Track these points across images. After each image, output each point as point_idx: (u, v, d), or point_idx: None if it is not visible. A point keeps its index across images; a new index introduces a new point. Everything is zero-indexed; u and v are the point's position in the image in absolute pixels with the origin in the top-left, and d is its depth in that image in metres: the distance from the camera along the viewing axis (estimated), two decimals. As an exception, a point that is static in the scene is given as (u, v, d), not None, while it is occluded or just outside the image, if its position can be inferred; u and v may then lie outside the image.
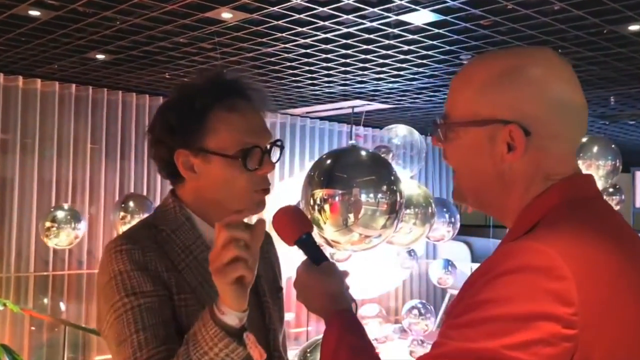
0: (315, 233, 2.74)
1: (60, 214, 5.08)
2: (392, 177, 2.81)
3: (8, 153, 6.01)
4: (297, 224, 1.23)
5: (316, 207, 2.68)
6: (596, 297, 0.87)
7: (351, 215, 2.65)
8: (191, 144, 1.24)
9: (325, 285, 1.20)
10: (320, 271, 1.22)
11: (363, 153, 2.91)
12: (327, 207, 2.69)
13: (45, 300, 6.14)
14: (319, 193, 2.68)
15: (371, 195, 2.69)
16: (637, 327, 0.91)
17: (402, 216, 3.69)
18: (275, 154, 1.32)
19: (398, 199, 2.77)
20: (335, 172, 2.71)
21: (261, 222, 1.10)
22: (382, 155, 4.16)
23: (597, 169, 4.80)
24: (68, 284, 6.23)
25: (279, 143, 1.32)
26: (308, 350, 3.88)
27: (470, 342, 0.87)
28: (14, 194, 5.98)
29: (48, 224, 5.01)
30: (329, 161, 2.83)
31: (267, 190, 1.30)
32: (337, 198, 2.67)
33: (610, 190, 4.95)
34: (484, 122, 0.99)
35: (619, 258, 0.92)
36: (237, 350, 1.06)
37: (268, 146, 1.30)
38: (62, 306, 6.18)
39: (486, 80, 1.00)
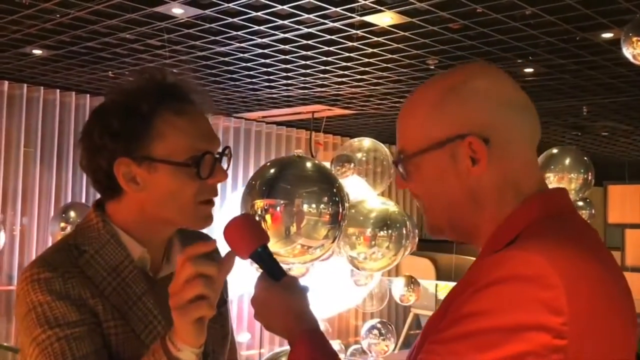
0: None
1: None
2: (335, 189, 2.92)
3: None
4: (251, 236, 1.17)
5: (257, 218, 2.73)
6: (583, 307, 0.91)
7: (293, 226, 2.73)
8: (135, 151, 1.19)
9: (287, 303, 1.16)
10: (282, 287, 1.17)
11: (308, 164, 3.01)
12: (268, 217, 2.75)
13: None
14: (260, 203, 2.74)
15: (313, 205, 2.79)
16: (618, 339, 0.96)
17: (376, 233, 3.75)
18: (224, 163, 1.28)
19: (340, 209, 2.89)
20: (279, 182, 2.80)
21: (230, 255, 1.08)
22: (340, 167, 4.23)
23: (568, 182, 4.91)
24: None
25: (227, 151, 1.28)
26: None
27: (458, 357, 0.90)
28: (-63, 201, 5.83)
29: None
30: (272, 170, 2.92)
31: (213, 202, 1.27)
32: (278, 208, 2.74)
33: (580, 204, 5.06)
34: (441, 143, 1.03)
35: (599, 270, 0.97)
36: None
37: (218, 154, 1.27)
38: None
39: (431, 105, 1.05)
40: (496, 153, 1.01)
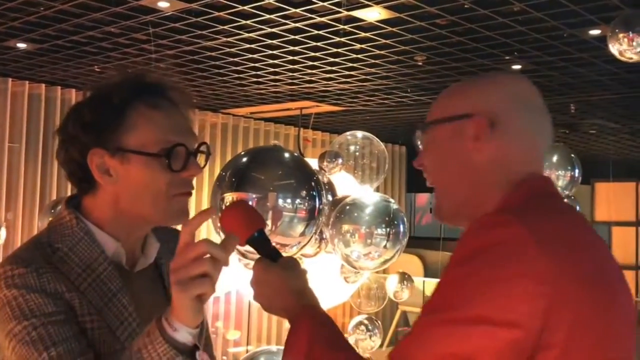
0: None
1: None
2: (313, 182, 2.75)
3: None
4: (248, 222, 1.20)
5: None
6: (564, 258, 0.99)
7: (267, 222, 2.55)
8: (108, 142, 1.21)
9: (287, 282, 1.20)
10: (281, 267, 1.21)
11: (286, 155, 2.88)
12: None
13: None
14: (230, 196, 2.55)
15: (289, 200, 2.61)
16: (602, 298, 1.03)
17: (372, 231, 3.63)
18: (202, 158, 1.30)
19: (317, 204, 2.72)
20: (252, 174, 2.61)
21: (232, 238, 1.08)
22: (328, 162, 4.17)
23: (556, 179, 4.95)
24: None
25: (203, 148, 1.29)
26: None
27: (445, 312, 0.97)
28: None
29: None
30: (244, 159, 2.73)
31: (189, 194, 1.28)
32: (251, 202, 2.52)
33: (565, 201, 5.09)
34: (451, 118, 1.16)
35: (585, 239, 1.07)
36: None
37: (193, 149, 1.28)
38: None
39: (457, 88, 1.21)
40: (499, 137, 1.12)
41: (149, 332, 1.05)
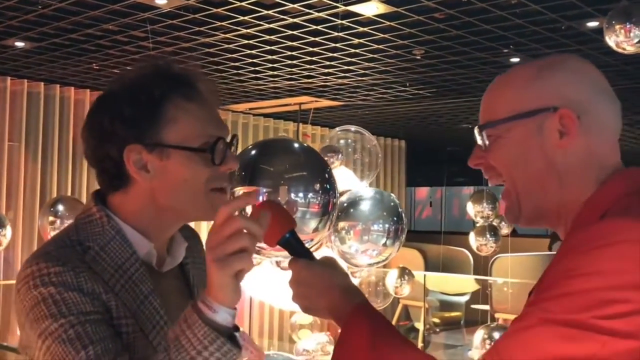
0: None
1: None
2: (326, 174, 2.63)
3: None
4: (279, 223, 1.13)
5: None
6: None
7: None
8: (145, 137, 1.16)
9: (331, 280, 1.14)
10: (324, 265, 1.17)
11: (296, 145, 2.77)
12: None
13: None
14: (240, 190, 2.44)
15: (301, 194, 2.49)
16: None
17: (369, 227, 3.52)
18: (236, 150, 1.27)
19: (331, 198, 2.60)
20: (262, 166, 2.50)
21: (267, 214, 1.06)
22: (327, 158, 4.13)
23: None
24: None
25: (235, 140, 1.26)
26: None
27: (557, 314, 0.89)
28: None
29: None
30: (253, 152, 2.63)
31: (225, 191, 1.25)
32: (261, 197, 2.44)
33: None
34: (531, 112, 1.05)
35: None
36: (231, 352, 0.99)
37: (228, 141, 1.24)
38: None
39: (526, 77, 1.08)
40: (585, 130, 1.04)
41: (186, 317, 1.00)
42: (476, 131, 1.11)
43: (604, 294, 0.88)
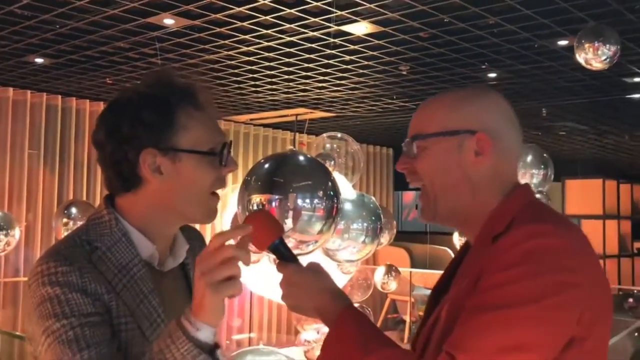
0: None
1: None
2: (330, 182, 2.73)
3: (-59, 157, 5.79)
4: (269, 230, 1.16)
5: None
6: (587, 261, 1.05)
7: (288, 221, 2.55)
8: (161, 142, 1.17)
9: (321, 283, 1.17)
10: (312, 270, 1.19)
11: (301, 158, 2.83)
12: None
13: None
14: (257, 198, 2.59)
15: (307, 200, 2.60)
16: (606, 291, 1.10)
17: (349, 225, 3.52)
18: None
19: (335, 203, 2.69)
20: (273, 177, 2.62)
21: (247, 237, 1.06)
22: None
23: (531, 177, 4.95)
24: (4, 292, 6.02)
25: (231, 145, 1.28)
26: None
27: (504, 309, 0.98)
28: (-53, 200, 5.77)
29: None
30: (266, 165, 2.73)
31: (219, 196, 1.25)
32: (274, 203, 2.57)
33: (538, 196, 5.11)
34: (455, 132, 1.14)
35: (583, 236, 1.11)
36: None
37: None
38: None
39: (453, 101, 1.17)
40: (496, 152, 1.13)
41: (170, 333, 1.01)
42: (407, 141, 1.20)
43: (534, 289, 0.98)
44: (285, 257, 1.19)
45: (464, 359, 0.95)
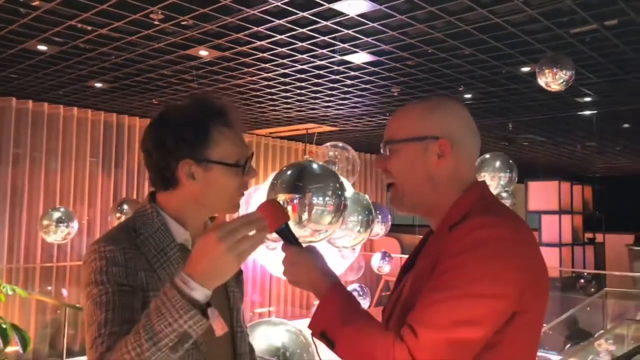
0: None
1: (57, 215, 4.92)
2: (338, 184, 2.82)
3: (19, 165, 5.82)
4: (278, 215, 1.15)
5: None
6: (530, 249, 1.03)
7: (305, 214, 2.67)
8: (196, 154, 1.17)
9: (314, 263, 1.16)
10: (309, 251, 1.18)
11: (315, 166, 2.92)
12: (289, 208, 2.71)
13: (49, 287, 5.94)
14: (282, 196, 2.71)
15: (320, 198, 2.70)
16: (544, 273, 1.07)
17: (346, 218, 3.56)
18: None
19: (342, 201, 2.78)
20: (295, 182, 2.73)
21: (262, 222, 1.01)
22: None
23: (498, 179, 4.92)
24: (70, 273, 6.05)
25: (252, 156, 1.28)
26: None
27: (458, 289, 0.96)
28: (24, 199, 5.79)
29: (46, 222, 4.85)
30: (289, 172, 2.84)
31: (242, 193, 1.25)
32: (295, 201, 2.69)
33: (504, 195, 5.08)
34: (420, 138, 1.11)
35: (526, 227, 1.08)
36: (201, 322, 0.95)
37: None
38: (64, 292, 5.99)
39: (420, 112, 1.14)
40: (455, 156, 1.10)
41: (167, 293, 0.95)
42: (382, 145, 1.17)
43: (482, 272, 0.97)
44: (289, 240, 1.18)
45: (422, 332, 0.94)
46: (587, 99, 5.34)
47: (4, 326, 3.22)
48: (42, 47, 4.04)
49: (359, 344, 1.00)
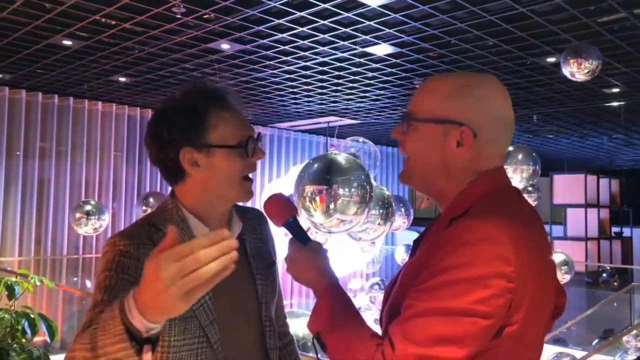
0: (305, 217, 2.78)
1: (88, 207, 5.01)
2: (364, 176, 2.84)
3: (45, 158, 5.93)
4: (284, 209, 1.14)
5: (307, 199, 2.77)
6: (523, 258, 0.92)
7: (332, 204, 2.72)
8: (195, 141, 1.16)
9: (313, 262, 1.14)
10: (309, 249, 1.15)
11: (341, 158, 2.94)
12: (317, 198, 2.75)
13: (76, 279, 6.05)
14: (309, 188, 2.76)
15: (346, 189, 2.74)
16: (543, 281, 0.99)
17: (370, 209, 3.57)
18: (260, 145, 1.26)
19: (368, 192, 2.80)
20: (323, 174, 2.78)
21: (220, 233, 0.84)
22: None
23: (521, 172, 4.84)
24: (95, 265, 6.16)
25: (259, 136, 1.25)
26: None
27: (440, 302, 0.89)
28: (50, 192, 5.91)
29: (78, 215, 4.94)
30: (315, 165, 2.88)
31: (251, 180, 1.24)
32: (322, 192, 2.74)
33: (530, 189, 5.01)
34: (442, 120, 1.02)
35: (531, 229, 0.99)
36: (131, 357, 0.82)
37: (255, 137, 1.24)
38: (89, 283, 6.10)
39: (447, 91, 1.03)
40: (477, 146, 1.01)
41: (113, 309, 0.84)
42: (404, 114, 1.10)
43: (467, 284, 0.89)
44: (297, 234, 1.17)
45: (400, 346, 0.90)
46: (615, 90, 5.23)
47: (32, 316, 3.30)
48: (67, 42, 4.10)
49: (343, 352, 1.00)
